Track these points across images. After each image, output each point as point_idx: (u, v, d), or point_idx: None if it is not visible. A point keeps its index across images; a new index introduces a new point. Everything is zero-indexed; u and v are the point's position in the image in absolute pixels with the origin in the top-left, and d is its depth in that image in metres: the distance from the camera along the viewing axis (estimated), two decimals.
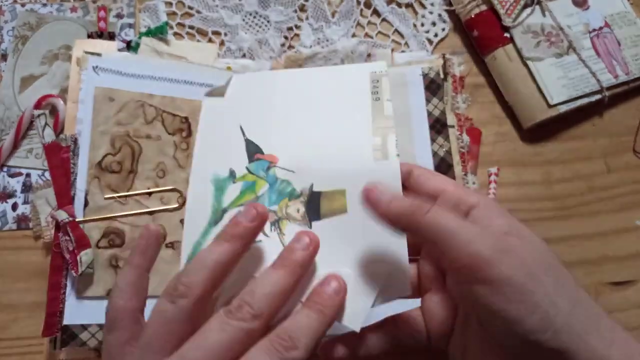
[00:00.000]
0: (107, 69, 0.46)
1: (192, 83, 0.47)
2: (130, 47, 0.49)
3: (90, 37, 0.50)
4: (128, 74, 0.47)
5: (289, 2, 0.53)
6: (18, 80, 0.50)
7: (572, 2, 0.53)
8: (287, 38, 0.53)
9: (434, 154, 0.47)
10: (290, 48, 0.53)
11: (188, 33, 0.53)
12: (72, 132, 0.45)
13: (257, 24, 0.53)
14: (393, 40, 0.54)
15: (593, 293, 0.48)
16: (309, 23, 0.54)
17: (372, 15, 0.54)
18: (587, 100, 0.50)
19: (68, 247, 0.41)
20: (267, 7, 0.53)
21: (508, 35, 0.51)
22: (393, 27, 0.54)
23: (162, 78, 0.47)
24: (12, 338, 0.44)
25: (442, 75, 0.50)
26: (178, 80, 0.47)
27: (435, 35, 0.54)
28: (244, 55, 0.52)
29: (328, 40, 0.53)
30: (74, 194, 0.44)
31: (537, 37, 0.51)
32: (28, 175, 0.48)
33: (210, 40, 0.53)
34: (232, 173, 0.34)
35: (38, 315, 0.42)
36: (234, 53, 0.52)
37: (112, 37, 0.51)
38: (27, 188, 0.47)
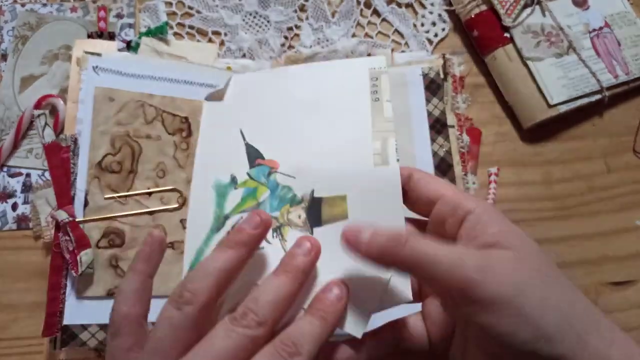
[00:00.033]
0: (107, 69, 0.46)
1: (192, 83, 0.47)
2: (130, 47, 0.49)
3: (90, 37, 0.50)
4: (128, 74, 0.47)
5: (289, 2, 0.53)
6: (18, 80, 0.50)
7: (572, 2, 0.53)
8: (287, 38, 0.53)
9: (434, 154, 0.47)
10: (290, 48, 0.53)
11: (188, 33, 0.53)
12: (72, 132, 0.45)
13: (257, 24, 0.53)
14: (393, 40, 0.54)
15: (593, 293, 0.48)
16: (309, 23, 0.53)
17: (372, 15, 0.54)
18: (587, 100, 0.50)
19: (68, 247, 0.41)
20: (267, 7, 0.53)
21: (508, 35, 0.51)
22: (393, 27, 0.54)
23: (162, 78, 0.47)
24: (12, 338, 0.44)
25: (442, 75, 0.50)
26: (178, 80, 0.47)
27: (435, 35, 0.54)
28: (244, 55, 0.52)
29: (328, 40, 0.53)
30: (74, 194, 0.44)
31: (537, 37, 0.51)
32: (28, 175, 0.48)
33: (210, 40, 0.53)
34: (233, 179, 0.34)
35: (38, 315, 0.42)
36: (234, 53, 0.52)
37: (112, 37, 0.51)
38: (27, 188, 0.47)
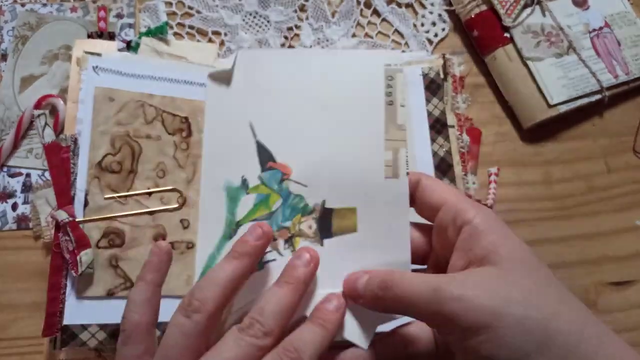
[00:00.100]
0: (107, 69, 0.46)
1: (192, 83, 0.47)
2: (130, 47, 0.49)
3: (90, 37, 0.50)
4: (128, 74, 0.47)
5: (289, 2, 0.53)
6: (18, 80, 0.50)
7: (572, 2, 0.53)
8: (287, 38, 0.53)
9: (434, 154, 0.47)
10: (291, 48, 0.53)
11: (188, 33, 0.53)
12: (72, 132, 0.45)
13: (257, 24, 0.53)
14: (393, 40, 0.54)
15: (593, 293, 0.48)
16: (309, 23, 0.53)
17: (372, 15, 0.54)
18: (587, 100, 0.50)
19: (68, 247, 0.41)
20: (267, 7, 0.53)
21: (508, 35, 0.51)
22: (393, 27, 0.54)
23: (162, 78, 0.47)
24: (12, 338, 0.44)
25: (442, 75, 0.50)
26: (178, 80, 0.47)
27: (435, 35, 0.54)
28: None
29: (328, 40, 0.53)
30: (74, 194, 0.44)
31: (537, 37, 0.51)
32: (28, 175, 0.48)
33: (210, 40, 0.53)
34: (244, 182, 0.34)
35: (38, 315, 0.42)
36: (234, 53, 0.52)
37: (112, 37, 0.51)
38: (27, 188, 0.47)
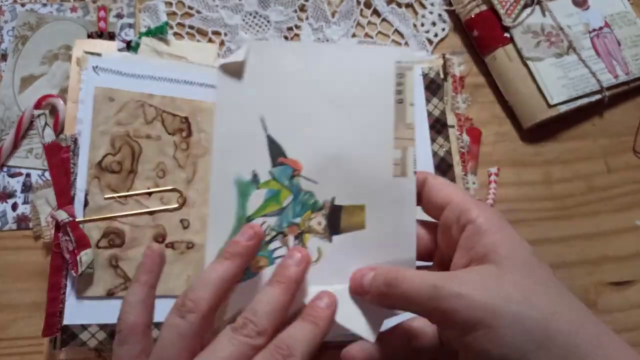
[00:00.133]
0: (107, 69, 0.46)
1: (192, 83, 0.47)
2: (130, 47, 0.49)
3: (90, 37, 0.50)
4: (128, 74, 0.46)
5: (289, 2, 0.53)
6: (18, 80, 0.50)
7: (572, 2, 0.53)
8: (287, 38, 0.53)
9: (434, 154, 0.47)
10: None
11: (188, 33, 0.53)
12: (72, 132, 0.45)
13: (257, 24, 0.53)
14: (393, 40, 0.54)
15: (593, 293, 0.48)
16: (309, 23, 0.53)
17: (372, 15, 0.54)
18: (587, 100, 0.50)
19: (68, 247, 0.41)
20: (267, 7, 0.53)
21: (508, 35, 0.51)
22: (393, 27, 0.54)
23: (162, 78, 0.47)
24: (12, 338, 0.44)
25: (442, 75, 0.50)
26: (178, 80, 0.47)
27: (435, 35, 0.54)
28: None
29: (328, 40, 0.53)
30: (74, 194, 0.44)
31: (537, 37, 0.51)
32: (28, 175, 0.48)
33: (210, 40, 0.53)
34: (255, 177, 0.34)
35: (38, 315, 0.42)
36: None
37: (112, 37, 0.51)
38: (27, 188, 0.47)
